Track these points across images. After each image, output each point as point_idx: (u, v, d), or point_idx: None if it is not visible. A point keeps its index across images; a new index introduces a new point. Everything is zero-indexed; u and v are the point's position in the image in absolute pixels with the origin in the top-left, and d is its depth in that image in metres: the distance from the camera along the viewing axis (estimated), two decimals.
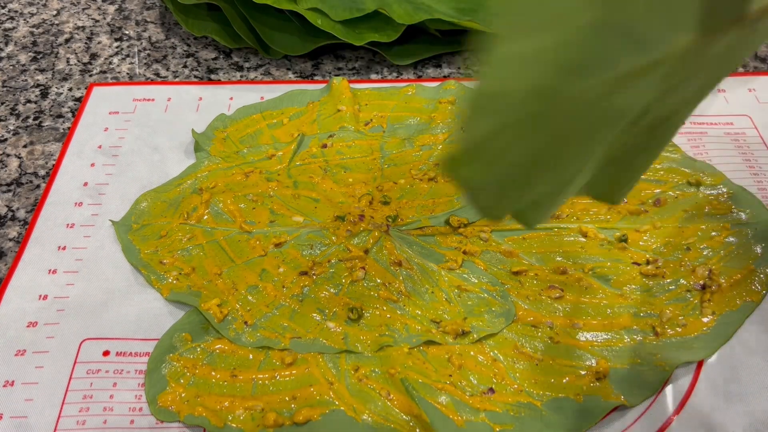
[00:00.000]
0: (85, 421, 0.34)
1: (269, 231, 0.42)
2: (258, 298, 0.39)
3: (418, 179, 0.45)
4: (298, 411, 0.34)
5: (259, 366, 0.36)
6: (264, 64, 0.55)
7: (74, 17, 0.60)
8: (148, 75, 0.54)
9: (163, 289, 0.39)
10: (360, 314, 0.38)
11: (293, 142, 0.47)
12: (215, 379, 0.36)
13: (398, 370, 0.36)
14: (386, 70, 0.54)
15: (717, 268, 0.39)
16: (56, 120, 0.51)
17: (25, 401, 0.35)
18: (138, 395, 0.35)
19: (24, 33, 0.59)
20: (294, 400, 0.35)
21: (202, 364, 0.36)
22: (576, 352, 0.36)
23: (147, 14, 0.60)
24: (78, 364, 0.37)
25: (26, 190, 0.46)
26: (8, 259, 0.42)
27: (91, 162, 0.47)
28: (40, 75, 0.54)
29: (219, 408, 0.34)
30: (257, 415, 0.34)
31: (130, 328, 0.38)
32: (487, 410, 0.34)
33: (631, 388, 0.35)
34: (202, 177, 0.45)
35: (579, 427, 0.34)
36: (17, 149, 0.49)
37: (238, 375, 0.36)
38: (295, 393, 0.35)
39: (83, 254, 0.42)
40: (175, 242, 0.41)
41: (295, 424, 0.34)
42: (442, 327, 0.37)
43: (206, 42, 0.57)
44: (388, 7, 0.52)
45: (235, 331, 0.37)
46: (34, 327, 0.38)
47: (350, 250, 0.41)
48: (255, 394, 0.35)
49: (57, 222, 0.43)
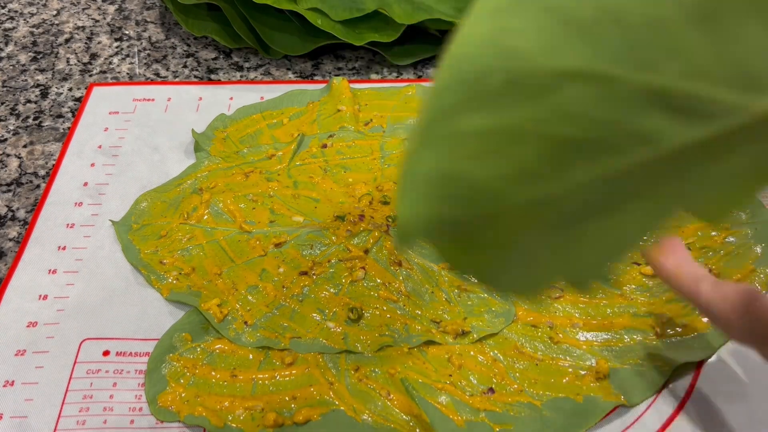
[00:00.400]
0: (85, 421, 0.34)
1: (269, 231, 0.42)
2: (258, 298, 0.39)
3: None
4: (298, 411, 0.34)
5: (259, 366, 0.36)
6: (264, 64, 0.55)
7: (74, 17, 0.60)
8: (148, 75, 0.54)
9: (163, 289, 0.39)
10: (360, 314, 0.38)
11: (293, 142, 0.47)
12: (215, 379, 0.36)
13: (398, 370, 0.36)
14: (386, 70, 0.54)
15: (717, 268, 0.39)
16: (56, 120, 0.51)
17: (25, 401, 0.35)
18: (138, 395, 0.35)
19: (24, 33, 0.59)
20: (294, 400, 0.35)
21: (202, 364, 0.36)
22: (576, 352, 0.36)
23: (147, 14, 0.60)
24: (78, 364, 0.37)
25: (26, 190, 0.46)
26: (8, 259, 0.42)
27: (91, 162, 0.47)
28: (40, 75, 0.54)
29: (219, 408, 0.34)
30: (257, 415, 0.34)
31: (130, 328, 0.38)
32: (487, 410, 0.34)
33: (631, 388, 0.35)
34: (202, 177, 0.45)
35: (579, 427, 0.34)
36: (17, 149, 0.49)
37: (238, 375, 0.36)
38: (295, 393, 0.35)
39: (83, 254, 0.42)
40: (175, 242, 0.41)
41: (295, 424, 0.34)
42: (442, 327, 0.37)
43: (206, 42, 0.57)
44: (388, 7, 0.52)
45: (235, 331, 0.37)
46: (34, 327, 0.38)
47: (350, 250, 0.41)
48: (255, 394, 0.35)
49: (57, 222, 0.43)
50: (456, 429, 0.34)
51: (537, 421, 0.34)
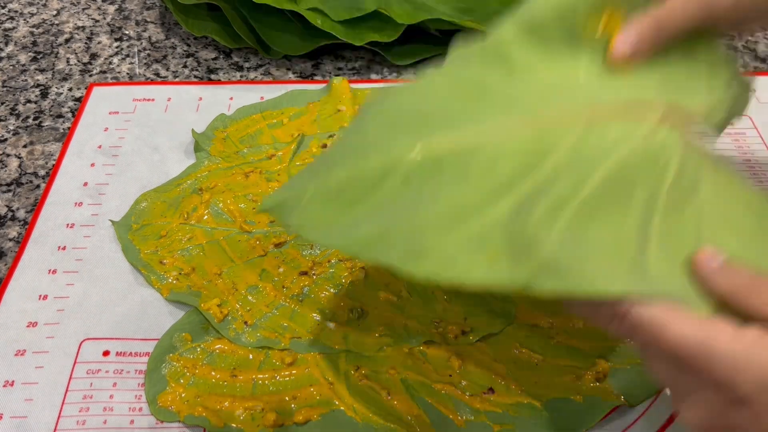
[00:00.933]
0: (85, 421, 0.34)
1: (269, 231, 0.42)
2: (258, 298, 0.39)
3: None
4: (298, 411, 0.34)
5: (259, 366, 0.36)
6: (264, 64, 0.55)
7: (74, 17, 0.60)
8: (148, 75, 0.54)
9: (163, 289, 0.39)
10: (360, 314, 0.38)
11: (293, 142, 0.46)
12: (215, 379, 0.36)
13: (398, 370, 0.36)
14: (386, 70, 0.54)
15: None
16: (56, 120, 0.51)
17: (25, 401, 0.35)
18: (138, 395, 0.35)
19: (24, 33, 0.59)
20: (294, 400, 0.35)
21: (202, 364, 0.36)
22: (576, 352, 0.36)
23: (147, 14, 0.60)
24: (78, 364, 0.37)
25: (26, 190, 0.46)
26: (8, 259, 0.42)
27: (91, 162, 0.47)
28: (40, 75, 0.54)
29: (219, 408, 0.34)
30: (257, 415, 0.34)
31: (129, 328, 0.38)
32: (487, 410, 0.34)
33: (631, 388, 0.35)
34: (202, 177, 0.45)
35: (579, 427, 0.34)
36: (17, 149, 0.49)
37: (238, 375, 0.36)
38: (295, 393, 0.35)
39: (83, 254, 0.42)
40: (175, 242, 0.41)
41: (295, 424, 0.34)
42: (442, 327, 0.37)
43: (206, 42, 0.57)
44: (388, 7, 0.52)
45: (235, 331, 0.37)
46: (34, 327, 0.38)
47: None
48: (255, 393, 0.35)
49: (57, 222, 0.43)
50: (456, 429, 0.34)
51: (537, 421, 0.34)
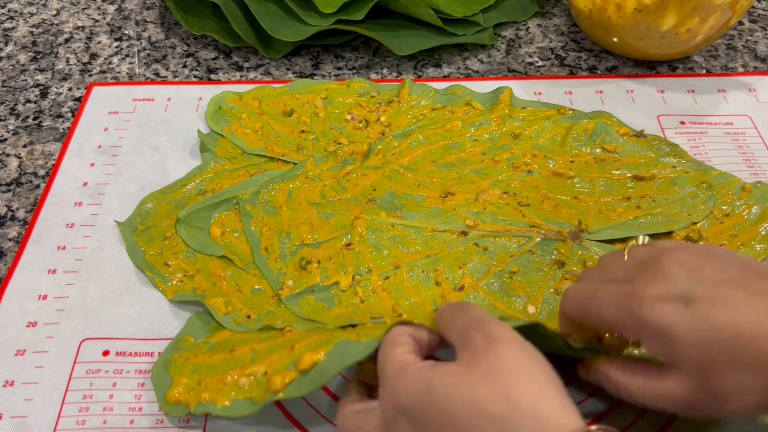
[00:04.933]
0: (85, 421, 0.34)
1: None
2: (262, 299, 0.38)
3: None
4: (300, 359, 0.32)
5: (259, 340, 0.35)
6: (264, 63, 0.55)
7: (74, 17, 0.60)
8: (148, 75, 0.54)
9: (167, 291, 0.39)
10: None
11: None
12: (215, 361, 0.34)
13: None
14: (386, 70, 0.54)
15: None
16: (56, 120, 0.51)
17: (25, 401, 0.35)
18: (138, 395, 0.35)
19: (24, 33, 0.59)
20: (292, 351, 0.33)
21: (203, 352, 0.35)
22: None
23: (147, 14, 0.60)
24: (78, 364, 0.37)
25: (26, 190, 0.46)
26: (8, 259, 0.42)
27: (91, 162, 0.47)
28: (40, 75, 0.54)
29: (222, 386, 0.33)
30: (261, 380, 0.32)
31: (129, 328, 0.38)
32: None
33: None
34: (208, 178, 0.45)
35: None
36: (17, 149, 0.49)
37: (237, 350, 0.34)
38: (293, 343, 0.33)
39: (83, 254, 0.42)
40: (180, 244, 0.41)
41: (302, 373, 0.32)
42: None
43: (206, 42, 0.57)
44: None
45: (237, 323, 0.37)
46: (34, 327, 0.38)
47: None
48: (255, 360, 0.33)
49: (57, 222, 0.43)
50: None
51: None
